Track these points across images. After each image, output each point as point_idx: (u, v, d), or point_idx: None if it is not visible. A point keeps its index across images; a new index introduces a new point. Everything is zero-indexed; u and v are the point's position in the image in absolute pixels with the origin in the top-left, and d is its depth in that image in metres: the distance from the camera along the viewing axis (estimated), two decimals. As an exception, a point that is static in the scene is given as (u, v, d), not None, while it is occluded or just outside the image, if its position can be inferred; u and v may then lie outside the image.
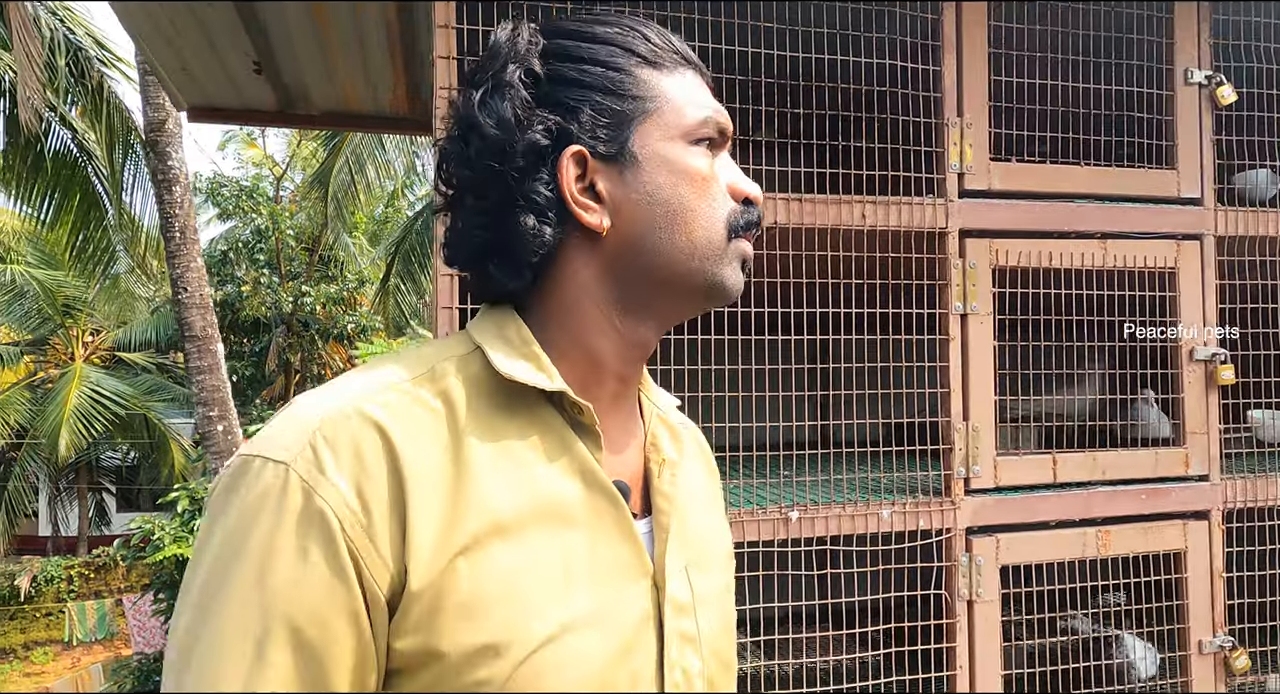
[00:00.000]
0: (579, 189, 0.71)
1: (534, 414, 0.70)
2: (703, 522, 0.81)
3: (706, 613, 0.75)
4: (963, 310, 1.84)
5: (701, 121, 0.73)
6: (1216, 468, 2.00)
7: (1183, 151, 1.99)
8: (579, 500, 0.69)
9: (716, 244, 0.73)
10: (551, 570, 0.65)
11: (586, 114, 0.71)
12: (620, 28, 0.74)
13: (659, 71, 0.73)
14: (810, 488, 1.87)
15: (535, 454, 0.68)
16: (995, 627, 1.85)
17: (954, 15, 1.86)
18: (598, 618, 0.66)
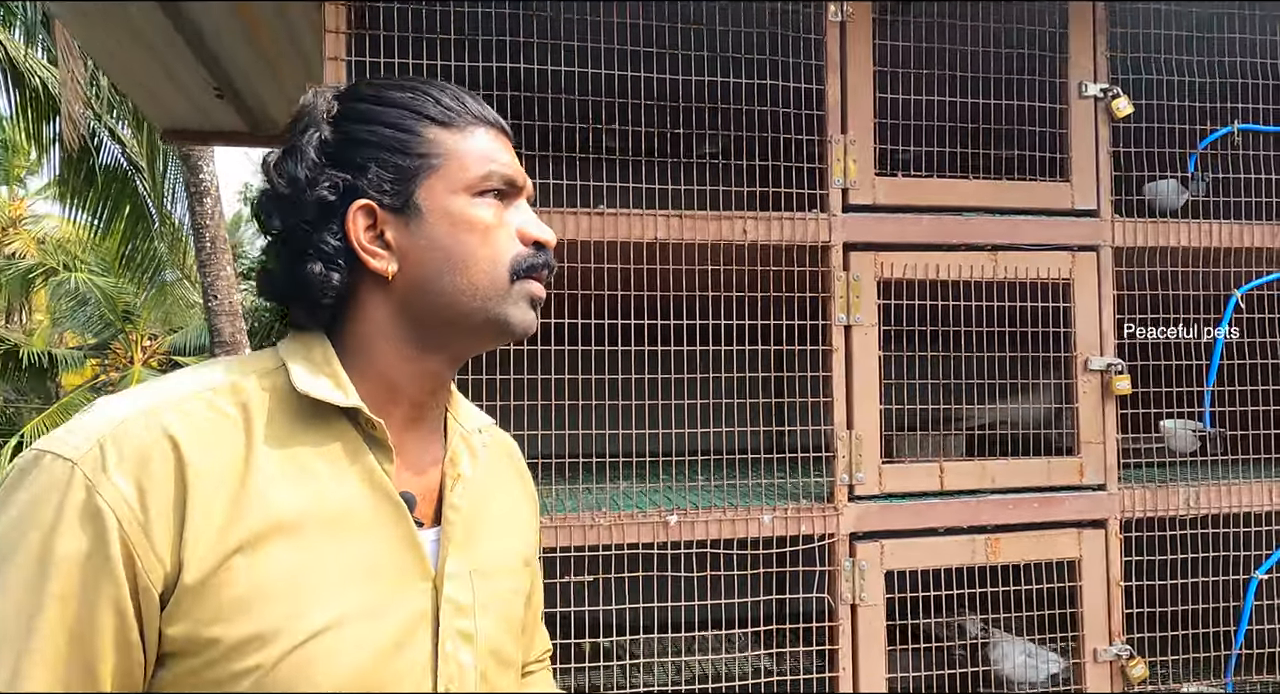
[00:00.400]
0: (369, 238, 0.78)
1: (330, 428, 0.76)
2: (497, 531, 0.88)
3: (487, 615, 0.82)
4: (846, 322, 1.89)
5: (484, 175, 0.80)
6: (1114, 477, 2.01)
7: (1078, 164, 2.01)
8: (365, 507, 0.75)
9: (500, 286, 0.79)
10: (328, 569, 0.71)
11: (373, 171, 0.78)
12: (414, 92, 0.80)
13: (448, 130, 0.80)
14: (692, 493, 1.94)
15: (326, 464, 0.75)
16: (879, 630, 1.89)
17: (838, 36, 1.91)
18: (371, 614, 0.73)
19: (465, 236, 0.78)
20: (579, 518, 1.77)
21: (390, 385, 0.80)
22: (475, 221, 0.79)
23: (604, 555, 1.78)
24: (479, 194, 0.80)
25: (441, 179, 0.79)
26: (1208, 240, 2.05)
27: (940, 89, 1.99)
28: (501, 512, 0.90)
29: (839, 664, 1.86)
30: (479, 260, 0.79)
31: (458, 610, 0.79)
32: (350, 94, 0.81)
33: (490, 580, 0.84)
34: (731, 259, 1.88)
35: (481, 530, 0.85)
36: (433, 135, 0.79)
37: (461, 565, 0.81)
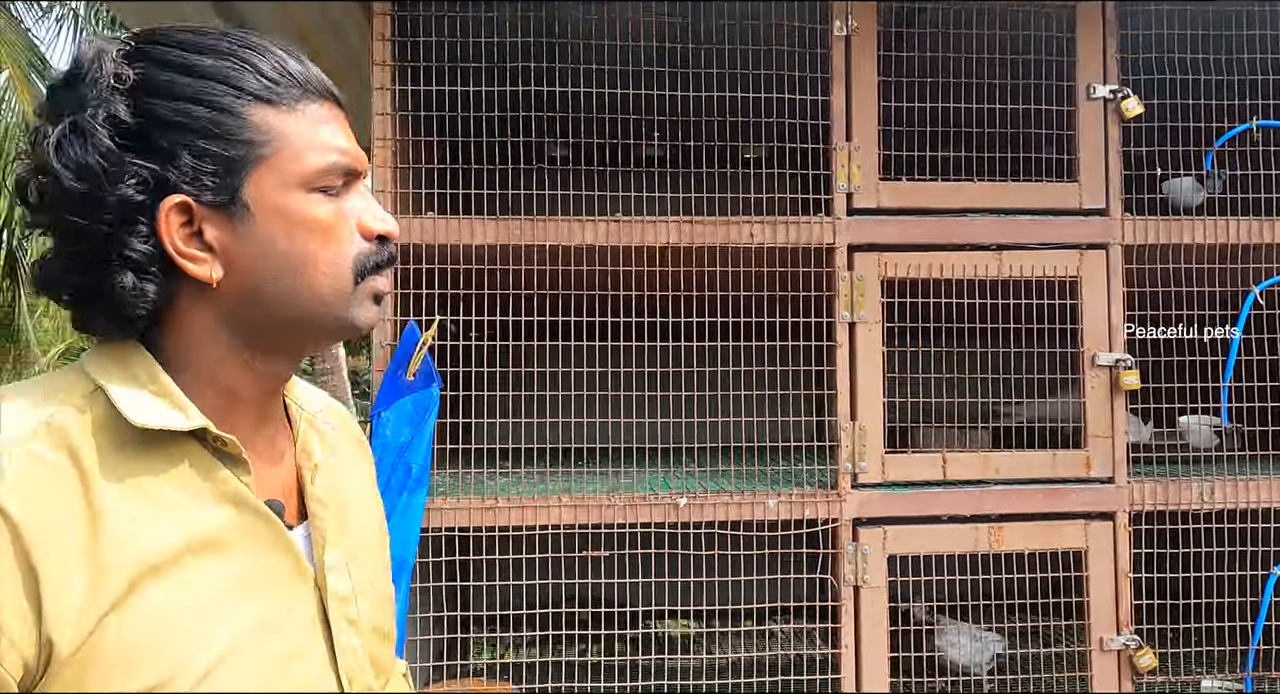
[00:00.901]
0: (184, 237, 0.67)
1: (173, 450, 0.68)
2: (358, 511, 0.85)
3: (366, 597, 0.80)
4: (850, 319, 2.00)
5: (324, 169, 0.70)
6: (1123, 471, 2.04)
7: (1086, 164, 2.05)
8: (233, 526, 0.69)
9: (343, 290, 0.72)
10: (208, 600, 0.66)
11: (188, 160, 0.66)
12: (231, 58, 0.68)
13: (276, 109, 0.69)
14: (704, 478, 2.08)
15: (180, 491, 0.67)
16: (882, 611, 1.98)
17: (843, 49, 2.02)
18: (262, 632, 0.68)
19: (303, 238, 0.70)
20: (597, 498, 1.94)
21: (229, 393, 0.72)
22: (315, 221, 0.70)
23: (618, 533, 1.94)
24: (316, 189, 0.71)
25: (272, 171, 0.69)
26: (1224, 237, 2.06)
27: (946, 96, 2.07)
28: (357, 489, 0.87)
29: (842, 642, 1.97)
30: (320, 264, 0.70)
31: (342, 601, 0.76)
32: (148, 55, 0.67)
33: (363, 564, 0.82)
34: (739, 261, 2.01)
35: (346, 515, 0.82)
36: (259, 117, 0.68)
37: (338, 557, 0.78)
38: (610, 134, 2.17)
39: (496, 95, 2.02)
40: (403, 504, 1.83)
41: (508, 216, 1.95)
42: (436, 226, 1.95)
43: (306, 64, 0.72)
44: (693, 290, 2.03)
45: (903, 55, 2.04)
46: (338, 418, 0.90)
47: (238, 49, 0.69)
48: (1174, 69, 2.07)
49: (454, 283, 1.96)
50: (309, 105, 0.71)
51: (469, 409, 2.07)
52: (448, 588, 1.93)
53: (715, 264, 2.01)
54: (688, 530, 1.96)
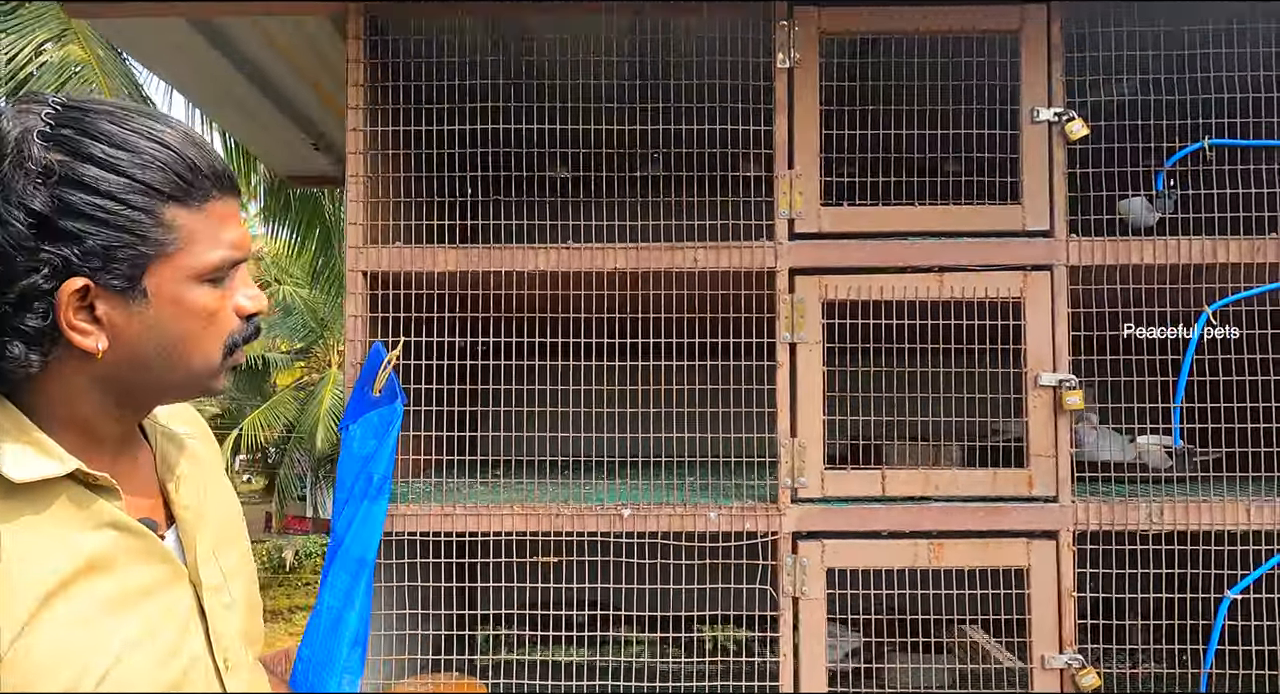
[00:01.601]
0: (76, 312, 0.73)
1: (51, 490, 0.75)
2: (216, 504, 0.95)
3: (237, 579, 0.92)
4: (791, 340, 2.08)
5: (218, 264, 0.78)
6: (1067, 490, 2.05)
7: (1029, 187, 2.07)
8: (114, 546, 0.77)
9: (212, 367, 0.82)
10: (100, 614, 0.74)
11: (98, 251, 0.71)
12: (148, 155, 0.73)
13: (185, 208, 0.75)
14: (655, 491, 2.18)
15: (62, 526, 0.74)
16: (820, 621, 2.05)
17: (785, 81, 2.10)
18: (147, 635, 0.78)
19: (189, 323, 0.78)
20: (547, 507, 2.07)
21: (90, 434, 0.80)
22: (201, 309, 0.78)
23: (568, 541, 2.07)
24: (211, 281, 0.79)
25: (172, 264, 0.75)
26: (1175, 257, 2.05)
27: (891, 123, 2.12)
28: (213, 485, 0.96)
29: (780, 651, 2.05)
30: (199, 343, 0.79)
31: (215, 590, 0.87)
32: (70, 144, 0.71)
33: (229, 550, 0.93)
34: (686, 285, 2.12)
35: (208, 512, 0.92)
36: (168, 216, 0.74)
37: (206, 549, 0.88)
38: (573, 167, 2.30)
39: (466, 133, 2.18)
40: (364, 511, 2.00)
41: (467, 245, 2.11)
42: (403, 255, 2.12)
43: (212, 157, 0.78)
44: (645, 313, 2.14)
45: (844, 85, 2.11)
46: (185, 416, 0.99)
47: (155, 148, 0.73)
48: (1125, 90, 2.07)
49: (419, 307, 2.13)
50: (214, 203, 0.78)
51: (438, 423, 2.23)
52: (409, 588, 2.09)
53: (663, 288, 2.12)
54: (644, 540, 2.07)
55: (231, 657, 0.87)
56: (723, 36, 2.12)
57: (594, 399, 2.23)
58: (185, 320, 0.78)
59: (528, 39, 2.19)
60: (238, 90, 2.59)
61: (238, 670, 0.88)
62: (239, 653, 0.89)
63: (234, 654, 0.87)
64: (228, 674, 0.86)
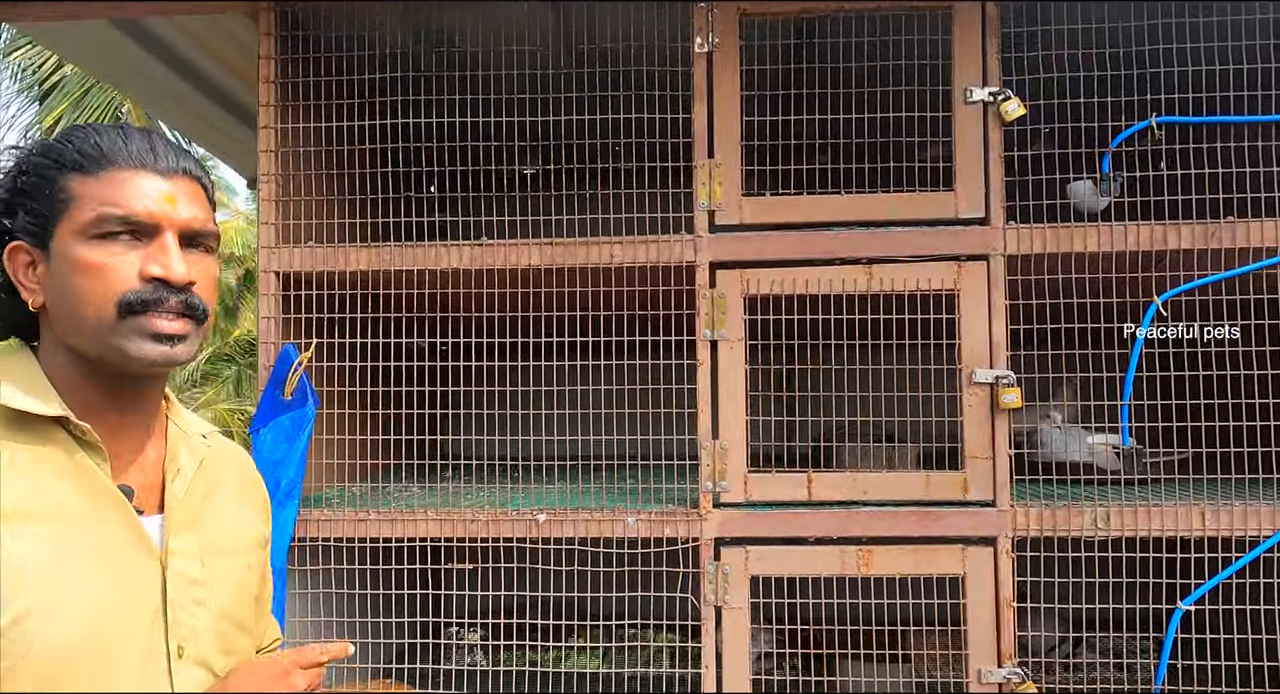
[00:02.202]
0: (26, 275, 0.89)
1: (43, 433, 0.86)
2: (229, 518, 1.01)
3: (221, 586, 0.95)
4: (711, 336, 1.98)
5: (96, 219, 0.86)
6: (1006, 494, 1.92)
7: (963, 172, 1.94)
8: (83, 499, 0.86)
9: (106, 322, 0.86)
10: (48, 551, 0.82)
11: (21, 216, 0.88)
12: (64, 141, 0.89)
13: (84, 175, 0.87)
14: (573, 495, 2.10)
15: (42, 463, 0.85)
16: (744, 631, 1.95)
17: (704, 66, 2.00)
18: (92, 583, 0.84)
19: (77, 278, 0.86)
20: (462, 513, 2.01)
21: (84, 397, 0.89)
22: (85, 263, 0.86)
23: (483, 547, 2.01)
24: (98, 236, 0.86)
25: (67, 222, 0.87)
26: (1123, 244, 1.90)
27: (815, 107, 2.01)
28: (229, 504, 1.02)
29: (704, 661, 1.96)
30: (88, 297, 0.85)
31: (190, 583, 0.91)
32: (30, 147, 0.92)
33: (224, 557, 0.97)
34: (600, 281, 2.03)
35: (210, 516, 0.97)
36: (67, 183, 0.87)
37: (189, 544, 0.93)
38: (484, 161, 2.23)
39: (378, 129, 2.13)
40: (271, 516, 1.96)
41: (378, 244, 2.05)
42: (315, 255, 2.07)
43: (131, 141, 0.89)
44: (564, 311, 2.07)
45: (766, 68, 2.01)
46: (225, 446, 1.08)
47: (77, 135, 0.90)
48: (1067, 66, 1.93)
49: (333, 307, 2.08)
50: (112, 172, 0.87)
51: (349, 427, 2.18)
52: (324, 595, 2.05)
53: (578, 284, 2.04)
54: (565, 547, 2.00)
55: (190, 649, 0.90)
56: (639, 22, 2.03)
57: (521, 401, 2.16)
58: (74, 274, 0.86)
59: (443, 30, 2.12)
60: (174, 87, 2.58)
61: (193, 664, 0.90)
62: (204, 648, 0.92)
63: (194, 645, 0.90)
64: (179, 661, 0.89)
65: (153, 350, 0.87)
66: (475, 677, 2.11)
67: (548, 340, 2.10)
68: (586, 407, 2.17)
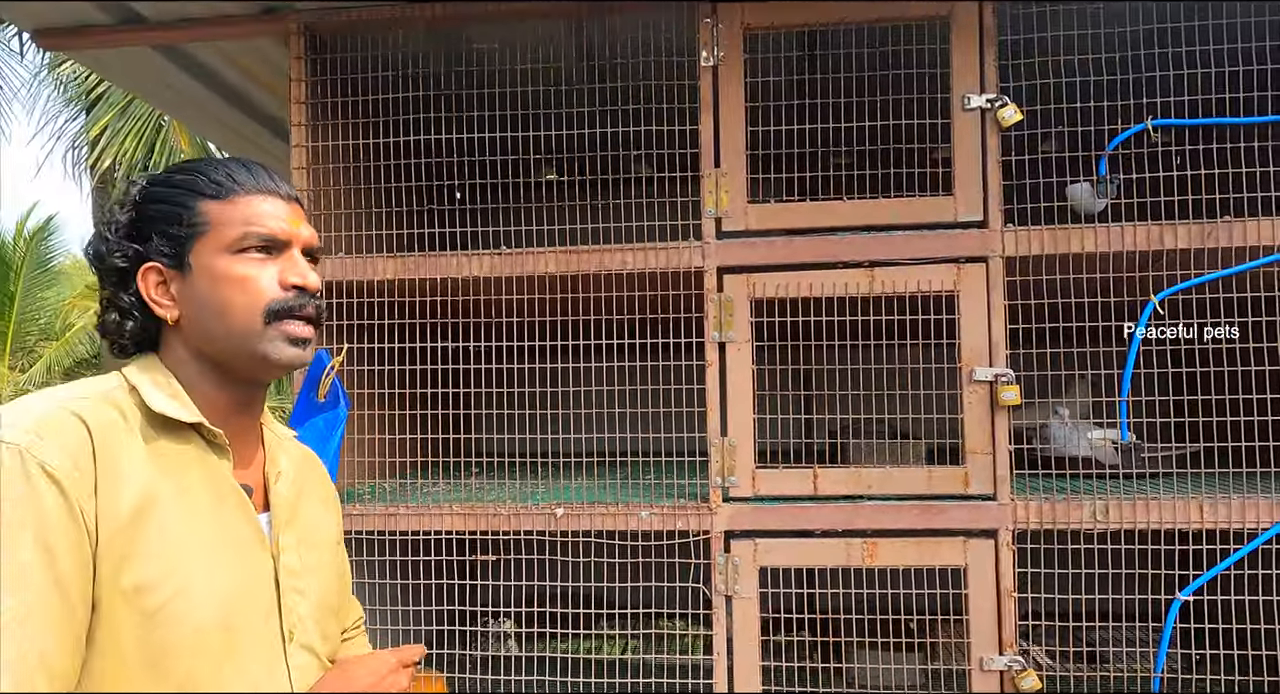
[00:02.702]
0: (160, 292, 0.97)
1: (180, 434, 0.95)
2: (314, 516, 1.10)
3: (313, 577, 1.04)
4: (720, 339, 2.06)
5: (240, 237, 0.95)
6: (1006, 488, 1.98)
7: (962, 177, 2.00)
8: (214, 494, 0.95)
9: (254, 328, 0.95)
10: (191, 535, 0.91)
11: (155, 241, 0.97)
12: (191, 173, 0.98)
13: (217, 202, 0.96)
14: (592, 491, 2.20)
15: (181, 461, 0.94)
16: (754, 620, 2.04)
17: (710, 79, 2.08)
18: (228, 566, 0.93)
19: (223, 288, 0.95)
20: (485, 507, 2.12)
21: (211, 403, 0.98)
22: (232, 275, 0.95)
23: (505, 540, 2.12)
24: (239, 251, 0.96)
25: (207, 243, 0.96)
26: (1119, 245, 1.95)
27: (816, 117, 2.08)
28: (313, 503, 1.12)
29: (714, 649, 2.05)
30: (235, 307, 0.95)
31: (292, 573, 1.00)
32: (152, 179, 1.01)
33: (314, 550, 1.06)
34: (613, 287, 2.12)
35: (302, 514, 1.07)
36: (202, 207, 0.96)
37: (291, 539, 1.02)
38: (505, 173, 2.33)
39: (402, 145, 2.24)
40: (307, 511, 2.08)
41: (403, 254, 2.17)
42: (345, 265, 2.19)
43: (259, 174, 0.99)
44: (577, 315, 2.16)
45: (770, 80, 2.08)
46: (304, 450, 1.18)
47: (201, 168, 0.99)
48: (1064, 72, 1.98)
49: (360, 314, 2.20)
50: (242, 197, 0.97)
51: (379, 427, 2.30)
52: (359, 585, 2.17)
53: (592, 290, 2.13)
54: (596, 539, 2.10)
55: (299, 632, 0.99)
56: (649, 38, 2.12)
57: (539, 401, 2.26)
58: (221, 287, 0.95)
59: (465, 50, 2.23)
60: (211, 105, 2.72)
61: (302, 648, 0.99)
62: (308, 633, 1.00)
63: (301, 631, 0.99)
64: (291, 644, 0.98)
65: (291, 352, 0.97)
66: (506, 663, 2.22)
67: (564, 343, 2.20)
68: (601, 406, 2.27)
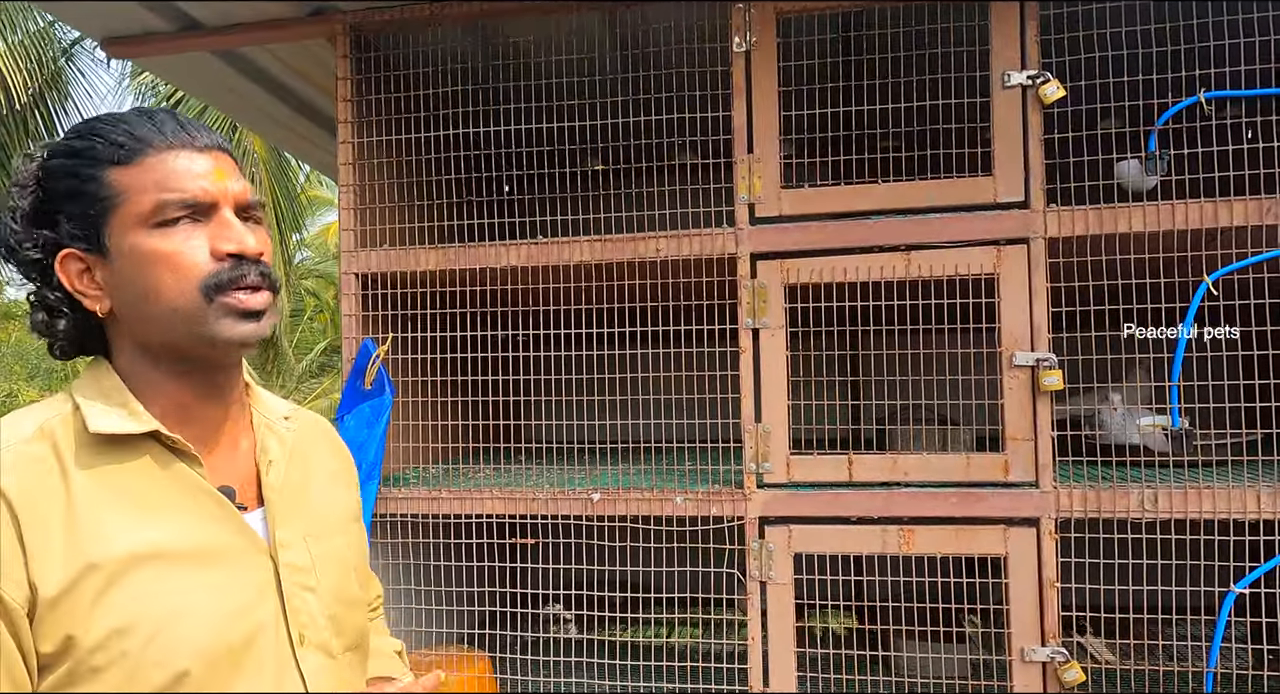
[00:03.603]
0: (85, 282, 0.84)
1: (135, 448, 0.83)
2: (322, 499, 0.98)
3: (326, 568, 0.92)
4: (753, 325, 2.05)
5: (155, 206, 0.81)
6: (1049, 475, 1.92)
7: (1002, 156, 1.94)
8: (189, 507, 0.83)
9: (193, 308, 0.82)
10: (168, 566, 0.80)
11: (64, 223, 0.83)
12: (88, 137, 0.83)
13: (123, 168, 0.82)
14: (615, 476, 2.21)
15: (140, 479, 0.82)
16: (788, 606, 2.03)
17: (743, 65, 2.06)
18: (215, 590, 0.82)
19: (149, 269, 0.81)
20: (523, 492, 2.16)
21: (175, 400, 0.86)
22: (155, 253, 0.81)
23: (543, 524, 2.15)
24: (159, 224, 0.82)
25: (120, 218, 0.82)
26: (1169, 223, 1.86)
27: (851, 100, 2.04)
28: (321, 482, 1.00)
29: (749, 634, 2.04)
30: (166, 289, 0.81)
31: (298, 571, 0.89)
32: (51, 149, 0.85)
33: (324, 540, 0.94)
34: (647, 274, 2.13)
35: (306, 501, 0.95)
36: (108, 177, 0.82)
37: (293, 533, 0.91)
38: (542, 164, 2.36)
39: (443, 139, 2.29)
40: (354, 493, 2.16)
41: (444, 245, 2.22)
42: (390, 256, 2.26)
43: (161, 124, 0.84)
44: (612, 303, 2.18)
45: (804, 63, 2.05)
46: (306, 420, 1.04)
47: (99, 126, 0.84)
48: (1111, 45, 1.90)
49: (404, 304, 2.26)
50: (152, 157, 0.82)
51: (423, 413, 2.36)
52: (404, 566, 2.24)
53: (626, 278, 2.15)
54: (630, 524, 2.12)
55: (309, 634, 0.88)
56: (681, 25, 2.11)
57: (575, 388, 2.29)
58: (146, 268, 0.81)
59: (504, 41, 2.26)
60: (267, 105, 2.82)
61: (314, 649, 0.89)
62: (320, 633, 0.90)
63: (313, 632, 0.89)
64: (301, 648, 0.87)
65: (245, 328, 0.84)
66: (549, 645, 2.26)
67: (600, 331, 2.22)
68: (637, 393, 2.28)
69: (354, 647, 0.96)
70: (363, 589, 1.00)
